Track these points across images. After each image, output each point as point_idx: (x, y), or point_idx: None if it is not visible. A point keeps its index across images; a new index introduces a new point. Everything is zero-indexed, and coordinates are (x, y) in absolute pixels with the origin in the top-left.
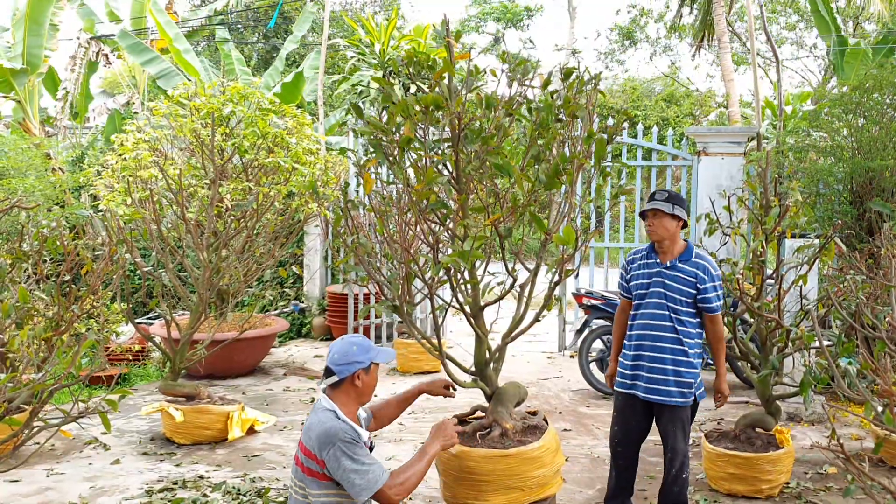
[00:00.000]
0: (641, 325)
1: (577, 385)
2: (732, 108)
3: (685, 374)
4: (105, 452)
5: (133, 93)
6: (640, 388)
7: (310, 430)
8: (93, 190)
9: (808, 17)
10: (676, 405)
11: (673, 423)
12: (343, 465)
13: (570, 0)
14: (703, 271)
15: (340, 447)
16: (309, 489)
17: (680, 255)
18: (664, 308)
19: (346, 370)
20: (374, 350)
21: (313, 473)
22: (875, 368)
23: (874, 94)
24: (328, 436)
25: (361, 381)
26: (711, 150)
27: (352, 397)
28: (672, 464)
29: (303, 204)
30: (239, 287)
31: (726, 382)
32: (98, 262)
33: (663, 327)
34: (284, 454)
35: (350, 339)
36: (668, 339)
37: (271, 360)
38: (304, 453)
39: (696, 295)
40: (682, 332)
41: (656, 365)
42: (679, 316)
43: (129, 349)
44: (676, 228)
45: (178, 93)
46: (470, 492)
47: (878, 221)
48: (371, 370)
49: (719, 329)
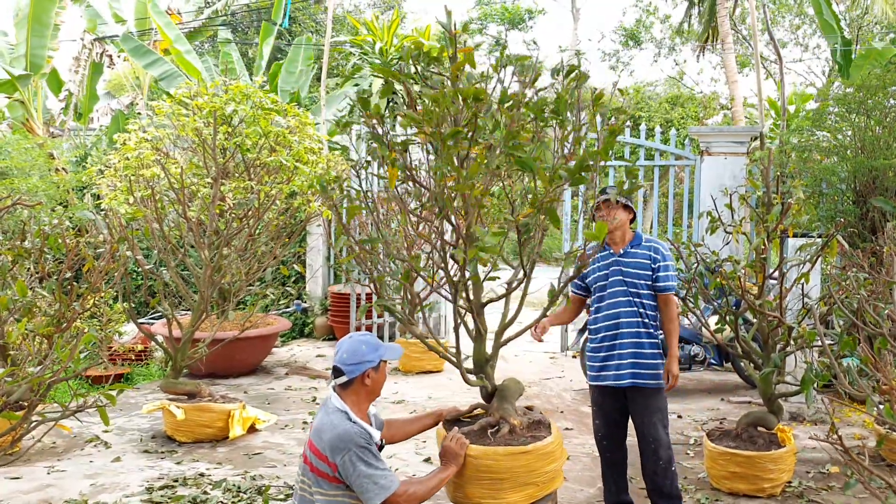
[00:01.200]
0: (606, 316)
1: (579, 385)
2: (736, 109)
3: (652, 355)
4: (106, 450)
5: (136, 94)
6: (610, 376)
7: (321, 432)
8: (95, 189)
9: (811, 20)
10: (648, 387)
11: (648, 409)
12: (358, 470)
13: (574, 1)
14: (656, 252)
15: (356, 452)
16: (316, 488)
17: (630, 242)
18: (626, 294)
19: (356, 369)
20: (382, 347)
21: (322, 474)
22: (875, 363)
23: (877, 93)
24: (342, 441)
25: (371, 380)
26: (714, 150)
27: (362, 396)
28: (657, 455)
29: (304, 203)
30: (241, 286)
31: (677, 364)
32: (99, 260)
33: (627, 313)
34: (285, 452)
35: (358, 338)
36: (632, 325)
37: (273, 359)
38: (314, 454)
39: (653, 275)
40: (644, 314)
41: (623, 351)
42: (641, 300)
43: (131, 349)
44: (627, 219)
45: (181, 92)
46: (486, 490)
47: (882, 220)
48: (380, 368)
49: (672, 310)
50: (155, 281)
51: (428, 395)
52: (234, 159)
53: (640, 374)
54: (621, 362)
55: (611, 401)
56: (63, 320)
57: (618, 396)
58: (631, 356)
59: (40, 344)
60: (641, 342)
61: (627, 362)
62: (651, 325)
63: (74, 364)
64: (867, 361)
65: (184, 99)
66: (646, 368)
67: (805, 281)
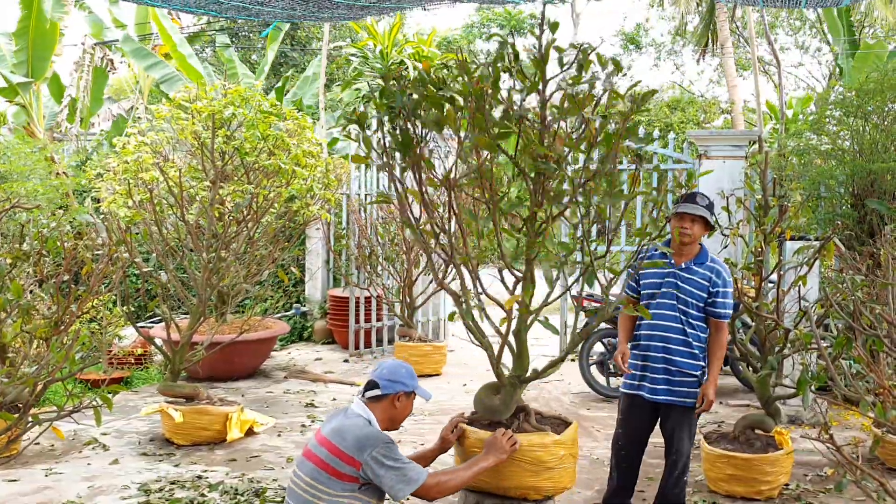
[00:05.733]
0: (650, 326)
1: (578, 388)
2: (736, 113)
3: (692, 375)
4: (104, 453)
5: (137, 98)
6: (646, 388)
7: (343, 433)
8: (95, 193)
9: (812, 24)
10: (685, 406)
11: (680, 425)
12: (386, 465)
13: (573, 7)
14: (717, 275)
15: (383, 449)
16: (325, 488)
17: (695, 257)
18: (675, 309)
19: (392, 387)
20: (417, 382)
21: (338, 474)
22: (869, 364)
23: (876, 97)
24: (370, 438)
25: (401, 404)
26: (713, 154)
27: (385, 416)
28: (675, 466)
29: (303, 206)
30: (239, 289)
31: (715, 389)
32: (98, 263)
33: (673, 328)
34: (283, 455)
35: (400, 362)
36: (677, 341)
37: (272, 363)
38: (332, 453)
39: (708, 298)
40: (691, 334)
41: (664, 366)
42: (689, 318)
43: (131, 352)
44: (701, 235)
45: (180, 95)
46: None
47: (880, 223)
48: (411, 397)
49: (723, 337)
50: (153, 284)
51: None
52: (232, 163)
53: (675, 392)
54: (656, 376)
55: (640, 412)
56: (60, 323)
57: (649, 408)
58: (667, 373)
59: (38, 346)
60: (684, 361)
61: (662, 377)
62: (695, 345)
63: (70, 365)
64: (862, 363)
65: (183, 102)
66: (682, 386)
67: (802, 284)
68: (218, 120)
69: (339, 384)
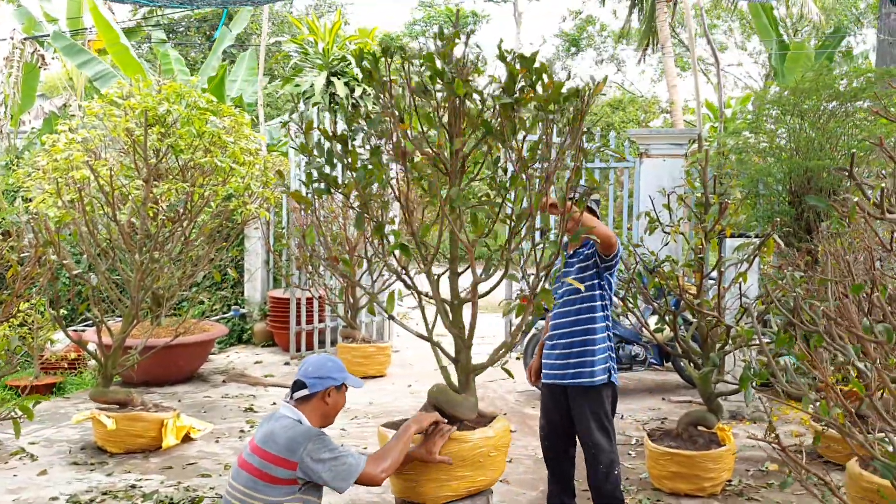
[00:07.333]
0: (554, 315)
1: (523, 386)
2: (676, 112)
3: (587, 352)
4: (32, 463)
5: (70, 95)
6: (549, 375)
7: (273, 436)
8: (24, 192)
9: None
10: (581, 386)
11: (581, 409)
12: (322, 458)
13: (516, 6)
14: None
15: (316, 442)
16: (262, 496)
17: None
18: (566, 286)
19: (320, 384)
20: (347, 372)
21: (273, 479)
22: (811, 361)
23: (811, 96)
24: (300, 435)
25: (332, 399)
26: (653, 153)
27: (317, 415)
28: (596, 461)
29: (241, 205)
30: (174, 291)
31: None
32: (24, 266)
33: (568, 312)
34: (220, 462)
35: (326, 356)
36: (573, 322)
37: (210, 366)
38: (264, 459)
39: (586, 251)
40: (584, 308)
41: (564, 350)
42: (581, 293)
43: (64, 357)
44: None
45: (112, 91)
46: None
47: (816, 220)
48: (342, 390)
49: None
50: (84, 286)
51: (369, 400)
52: (167, 160)
53: (574, 374)
54: (559, 362)
55: (551, 400)
56: None
57: (558, 395)
58: (567, 356)
59: None
60: (579, 339)
61: (564, 361)
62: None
63: None
64: (803, 359)
65: (115, 99)
66: (579, 367)
67: (743, 280)
68: (152, 117)
69: (279, 388)
